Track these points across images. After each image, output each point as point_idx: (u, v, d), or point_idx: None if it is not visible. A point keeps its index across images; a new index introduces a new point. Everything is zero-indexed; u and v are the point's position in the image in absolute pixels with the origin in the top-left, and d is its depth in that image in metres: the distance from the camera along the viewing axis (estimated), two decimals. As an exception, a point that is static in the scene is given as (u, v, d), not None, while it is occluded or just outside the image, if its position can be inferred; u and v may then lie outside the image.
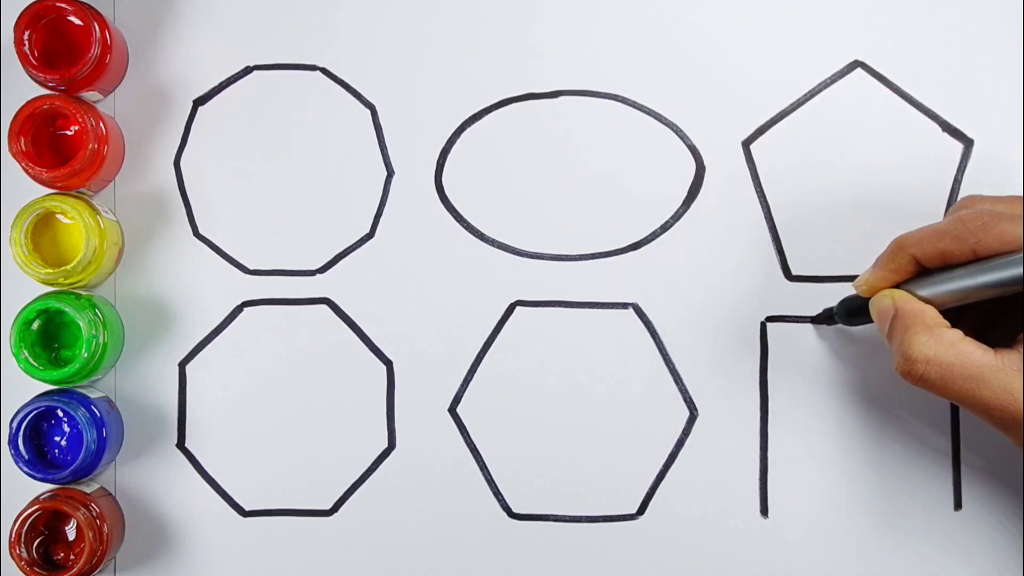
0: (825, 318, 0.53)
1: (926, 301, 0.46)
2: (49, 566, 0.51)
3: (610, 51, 0.55)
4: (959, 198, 0.49)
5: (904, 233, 0.47)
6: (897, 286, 0.48)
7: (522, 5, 0.55)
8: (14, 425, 0.51)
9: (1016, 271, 0.44)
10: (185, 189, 0.55)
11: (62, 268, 0.51)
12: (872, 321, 0.49)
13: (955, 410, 0.53)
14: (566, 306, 0.55)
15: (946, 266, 0.46)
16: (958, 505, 0.53)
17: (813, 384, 0.54)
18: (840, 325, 0.53)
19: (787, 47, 0.55)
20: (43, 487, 0.52)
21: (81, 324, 0.51)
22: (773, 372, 0.54)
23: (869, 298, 0.49)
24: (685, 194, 0.55)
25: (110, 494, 0.54)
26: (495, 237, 0.55)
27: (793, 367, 0.54)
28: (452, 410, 0.54)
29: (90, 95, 0.54)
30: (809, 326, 0.54)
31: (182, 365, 0.55)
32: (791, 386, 0.54)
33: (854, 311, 0.50)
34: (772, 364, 0.54)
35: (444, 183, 0.55)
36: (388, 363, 0.55)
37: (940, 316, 0.46)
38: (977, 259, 0.45)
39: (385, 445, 0.54)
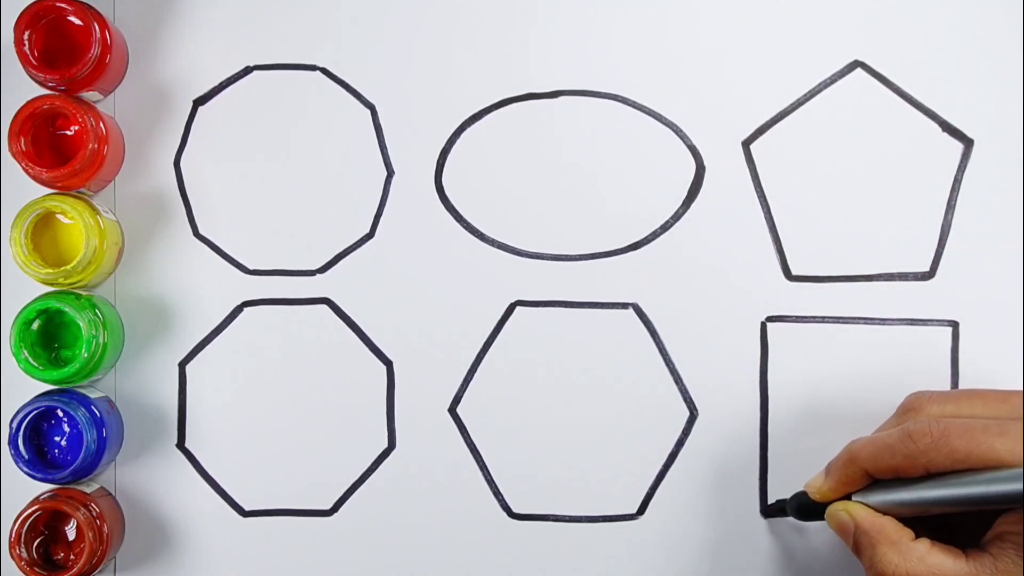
0: (777, 511, 0.52)
1: (883, 511, 0.45)
2: (49, 566, 0.51)
3: (610, 51, 0.55)
4: (905, 397, 0.48)
5: (856, 443, 0.47)
6: (850, 493, 0.47)
7: (522, 5, 0.55)
8: (14, 425, 0.51)
9: (970, 490, 0.43)
10: (185, 189, 0.55)
11: (62, 268, 0.51)
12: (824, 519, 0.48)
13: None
14: (566, 306, 0.55)
15: (899, 479, 0.45)
16: (958, 505, 0.53)
17: (813, 384, 0.54)
18: (792, 519, 0.52)
19: (787, 47, 0.55)
20: (43, 487, 0.52)
21: (81, 324, 0.51)
22: (773, 372, 0.54)
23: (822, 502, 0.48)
24: (685, 194, 0.55)
25: (110, 494, 0.54)
26: (495, 237, 0.55)
27: (793, 367, 0.54)
28: (452, 410, 0.54)
29: (90, 95, 0.54)
30: (809, 326, 0.54)
31: (182, 365, 0.55)
32: (791, 386, 0.54)
33: (807, 511, 0.49)
34: (772, 364, 0.54)
35: (444, 183, 0.55)
36: (388, 363, 0.55)
37: (901, 526, 0.45)
38: (930, 475, 0.44)
39: (385, 445, 0.54)
